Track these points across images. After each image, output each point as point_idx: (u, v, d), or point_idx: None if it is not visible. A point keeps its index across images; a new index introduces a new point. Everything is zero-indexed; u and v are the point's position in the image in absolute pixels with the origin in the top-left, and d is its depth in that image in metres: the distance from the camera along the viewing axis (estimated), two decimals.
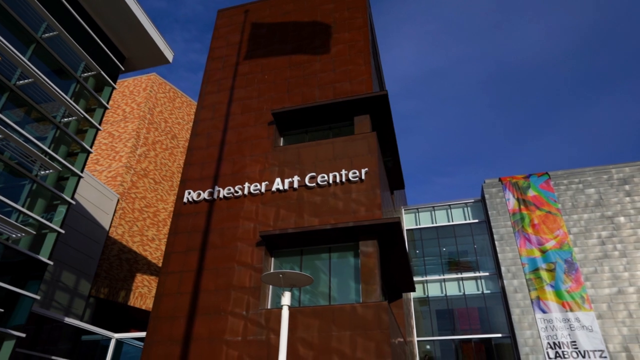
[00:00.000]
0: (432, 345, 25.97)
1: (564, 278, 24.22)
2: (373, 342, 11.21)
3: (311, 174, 14.85)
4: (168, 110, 31.06)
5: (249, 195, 15.16)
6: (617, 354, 21.86)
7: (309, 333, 11.78)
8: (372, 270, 12.52)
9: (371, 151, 14.71)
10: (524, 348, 22.98)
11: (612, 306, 23.10)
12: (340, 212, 13.82)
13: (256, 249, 13.90)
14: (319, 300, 13.06)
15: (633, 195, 25.85)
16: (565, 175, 27.52)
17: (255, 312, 12.67)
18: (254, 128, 16.92)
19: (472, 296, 26.55)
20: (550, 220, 26.07)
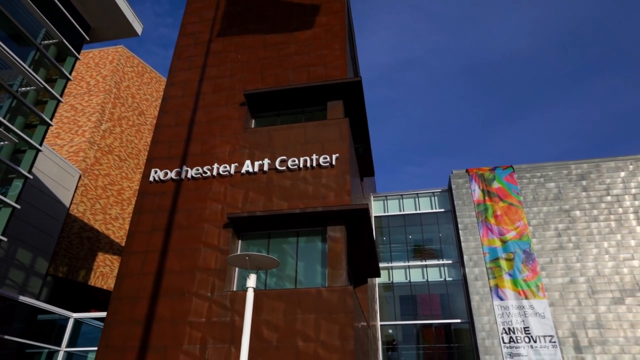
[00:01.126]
0: (395, 329, 26.67)
1: (521, 267, 25.25)
2: (337, 325, 11.37)
3: (282, 157, 14.73)
4: (136, 85, 29.96)
5: (218, 176, 14.91)
6: (565, 339, 23.13)
7: (274, 315, 11.82)
8: (339, 255, 12.63)
9: (343, 137, 14.71)
10: (481, 333, 23.94)
11: (564, 295, 24.32)
12: (310, 197, 13.81)
13: (223, 230, 13.74)
14: (285, 284, 13.09)
15: (589, 190, 27.08)
16: (529, 169, 28.48)
17: (221, 294, 12.58)
18: (225, 108, 16.57)
19: (434, 283, 27.33)
20: (512, 212, 27.01)
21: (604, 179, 27.27)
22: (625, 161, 27.67)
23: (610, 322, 23.23)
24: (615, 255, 24.91)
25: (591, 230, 25.84)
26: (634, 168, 27.28)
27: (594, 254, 25.15)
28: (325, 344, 11.17)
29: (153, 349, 12.05)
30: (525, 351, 23.09)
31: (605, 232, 25.65)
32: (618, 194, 26.67)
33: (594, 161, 28.09)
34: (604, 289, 24.12)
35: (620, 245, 25.12)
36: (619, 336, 22.83)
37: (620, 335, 22.83)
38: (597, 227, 25.86)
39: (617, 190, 26.79)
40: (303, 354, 11.15)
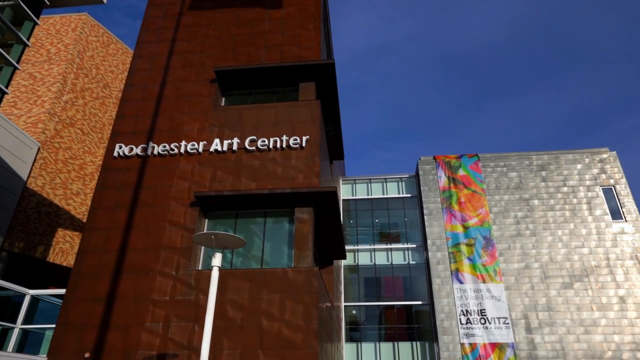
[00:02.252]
0: (358, 310, 27.33)
1: (481, 253, 26.28)
2: (302, 305, 11.56)
3: (252, 137, 14.60)
4: (100, 56, 28.68)
5: (185, 154, 14.63)
6: (518, 321, 24.41)
7: (239, 295, 11.88)
8: (306, 236, 12.75)
9: (314, 119, 14.69)
10: (440, 314, 24.89)
11: (519, 279, 25.54)
12: (279, 178, 13.81)
13: (190, 209, 13.58)
14: (251, 264, 13.14)
15: (548, 181, 28.29)
16: (493, 158, 29.39)
17: (185, 272, 12.50)
18: (194, 84, 16.17)
19: (398, 266, 28.07)
20: (475, 199, 27.91)
21: (561, 171, 28.52)
22: (582, 154, 28.99)
23: (559, 305, 24.65)
24: (568, 243, 26.29)
25: (547, 219, 27.09)
26: (589, 161, 28.63)
27: (548, 241, 26.44)
28: (290, 324, 11.35)
29: (114, 327, 11.91)
30: (480, 332, 24.23)
31: (560, 220, 26.97)
32: (573, 185, 27.99)
33: (554, 153, 29.29)
34: (556, 274, 25.49)
35: (573, 234, 26.51)
36: (566, 318, 24.30)
37: (567, 318, 24.29)
38: (552, 216, 27.14)
39: (573, 182, 28.10)
40: (267, 333, 11.31)
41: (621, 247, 25.92)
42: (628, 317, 24.08)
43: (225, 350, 11.18)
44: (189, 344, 11.40)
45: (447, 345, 24.12)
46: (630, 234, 26.22)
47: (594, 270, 25.40)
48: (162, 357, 11.33)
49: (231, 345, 11.23)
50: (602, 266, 25.48)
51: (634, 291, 24.67)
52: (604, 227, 26.53)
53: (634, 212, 26.83)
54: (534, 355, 23.62)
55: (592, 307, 24.47)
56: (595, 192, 27.64)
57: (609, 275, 25.17)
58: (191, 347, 11.31)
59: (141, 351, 11.47)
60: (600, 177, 28.09)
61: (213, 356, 11.07)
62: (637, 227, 26.40)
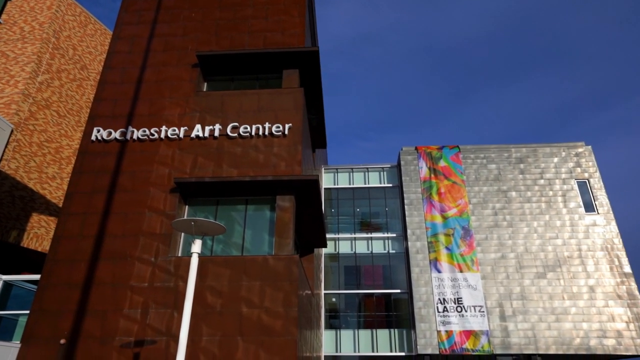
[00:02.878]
0: (338, 298, 27.61)
1: (459, 243, 26.78)
2: (282, 292, 11.61)
3: (234, 123, 14.45)
4: (78, 36, 27.81)
5: (166, 139, 14.40)
6: (493, 309, 25.07)
7: (219, 282, 11.85)
8: (287, 224, 12.77)
9: (297, 107, 14.62)
10: (418, 303, 25.37)
11: (495, 269, 26.17)
12: (260, 165, 13.74)
13: (170, 195, 13.42)
14: (231, 251, 13.10)
15: (525, 173, 28.89)
16: (473, 150, 29.82)
17: (165, 259, 12.40)
18: (175, 68, 15.86)
19: (378, 255, 28.40)
20: (455, 190, 28.34)
21: (539, 164, 29.15)
22: (559, 148, 29.66)
23: (533, 294, 25.39)
24: (543, 234, 27.00)
25: (524, 211, 27.73)
26: (565, 155, 29.33)
27: (524, 232, 27.10)
28: (269, 310, 11.41)
29: (91, 313, 11.76)
30: (456, 319, 24.81)
31: (536, 212, 27.64)
32: (550, 178, 28.66)
33: (532, 146, 29.88)
34: (530, 264, 26.20)
35: (548, 225, 27.23)
36: (539, 307, 25.07)
37: (539, 306, 25.06)
38: (529, 208, 27.79)
39: (550, 175, 28.78)
40: (247, 319, 11.34)
41: (592, 238, 26.76)
42: (596, 305, 24.99)
43: (204, 337, 11.18)
44: (167, 330, 11.36)
45: (424, 333, 24.64)
46: (602, 226, 27.08)
47: (567, 260, 26.20)
48: (141, 343, 11.27)
49: (210, 332, 11.24)
50: (574, 257, 26.29)
51: (602, 281, 25.57)
52: (577, 219, 27.32)
53: (606, 205, 27.68)
54: (507, 342, 24.34)
55: (563, 296, 25.28)
56: (570, 185, 28.38)
57: (580, 266, 26.01)
58: (170, 334, 11.27)
59: (119, 337, 11.38)
60: (575, 171, 28.83)
61: (192, 342, 11.07)
62: (608, 220, 27.27)
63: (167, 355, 11.02)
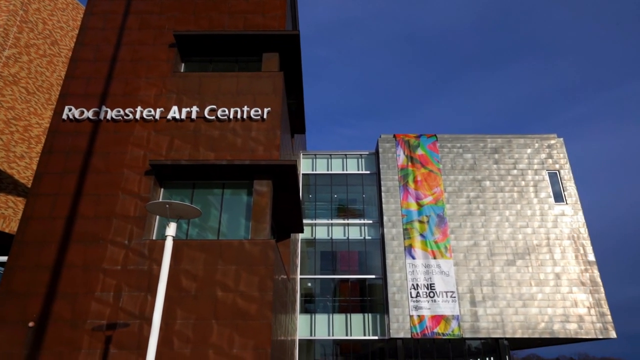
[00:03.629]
0: (314, 282, 27.88)
1: (434, 230, 27.32)
2: (257, 276, 11.65)
3: (211, 106, 14.22)
4: (48, 10, 26.64)
5: (141, 120, 14.07)
6: (464, 295, 25.81)
7: (194, 265, 11.79)
8: (264, 209, 12.74)
9: (276, 91, 14.48)
10: (392, 288, 25.87)
11: (467, 256, 26.87)
12: (238, 149, 13.61)
13: (145, 177, 13.17)
14: (207, 235, 13.02)
15: (500, 163, 29.55)
16: (450, 139, 30.26)
17: (139, 242, 12.23)
18: (152, 47, 15.42)
19: (354, 241, 28.73)
20: (431, 179, 28.78)
21: (513, 154, 29.84)
22: (533, 139, 30.40)
23: (502, 281, 26.23)
24: (514, 222, 27.80)
25: (497, 200, 28.44)
26: (538, 146, 30.09)
27: (496, 220, 27.84)
28: (244, 294, 11.44)
29: (62, 296, 11.54)
30: (428, 305, 25.45)
31: (508, 201, 28.39)
32: (523, 169, 29.41)
33: (507, 137, 30.52)
34: (501, 252, 27.00)
35: (519, 214, 28.03)
36: (507, 293, 25.94)
37: (508, 292, 25.94)
38: (502, 197, 28.51)
39: (522, 165, 29.52)
40: (221, 303, 11.35)
41: (560, 228, 27.73)
42: (561, 292, 26.03)
43: (178, 320, 11.15)
44: (141, 313, 11.27)
45: (397, 317, 25.21)
46: (570, 216, 28.06)
47: (535, 248, 27.11)
48: (113, 327, 11.16)
49: (185, 315, 11.21)
50: (543, 245, 27.22)
51: (568, 268, 26.61)
52: (547, 209, 28.22)
53: (574, 195, 28.65)
54: (476, 327, 25.16)
55: (531, 282, 26.22)
56: (542, 175, 29.21)
57: (548, 254, 26.96)
58: (143, 317, 11.19)
59: (90, 320, 11.23)
60: (547, 162, 29.65)
61: (166, 325, 11.03)
62: (575, 210, 28.26)
63: (140, 338, 10.96)
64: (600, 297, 25.94)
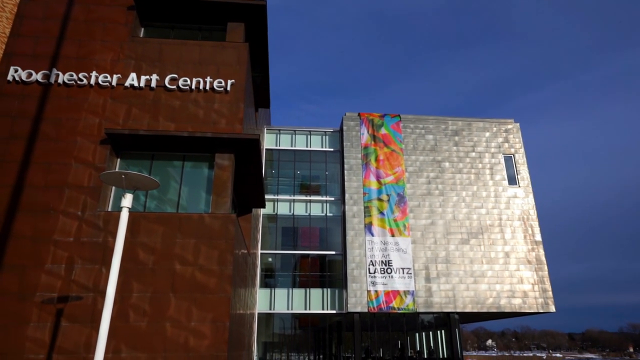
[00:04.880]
0: (274, 258, 28.04)
1: (394, 208, 27.97)
2: (217, 250, 11.56)
3: (172, 75, 13.69)
4: None
5: (96, 86, 13.36)
6: (419, 271, 26.80)
7: (152, 238, 11.53)
8: (225, 183, 12.57)
9: (240, 62, 14.10)
10: (351, 264, 26.45)
11: (424, 234, 27.79)
12: (200, 121, 13.25)
13: (100, 147, 12.61)
14: (166, 208, 12.73)
15: (459, 145, 30.41)
16: (413, 120, 30.73)
17: (93, 213, 11.79)
18: (109, 9, 14.54)
19: (316, 217, 28.98)
20: (393, 158, 29.27)
21: (472, 137, 30.75)
22: (491, 123, 31.39)
23: (456, 259, 27.40)
24: (470, 203, 28.89)
25: (455, 181, 29.38)
26: (496, 130, 31.14)
27: (453, 201, 28.82)
28: (203, 268, 11.35)
29: (8, 268, 11.02)
30: (385, 280, 26.26)
31: (466, 183, 29.40)
32: (480, 152, 30.42)
33: (467, 120, 31.35)
34: (456, 231, 28.09)
35: (475, 196, 29.13)
36: (460, 270, 27.17)
37: (461, 269, 27.16)
38: (460, 178, 29.47)
39: (481, 148, 30.52)
40: (180, 277, 11.22)
41: (512, 209, 29.11)
42: (509, 269, 27.54)
43: (134, 293, 10.95)
44: (95, 286, 10.97)
45: (355, 292, 25.89)
46: (521, 198, 29.46)
47: (488, 228, 28.39)
48: (64, 299, 10.81)
49: (141, 288, 11.01)
50: (495, 225, 28.54)
51: (517, 248, 28.11)
52: (500, 191, 29.47)
53: (527, 179, 30.04)
54: (430, 302, 26.29)
55: (482, 260, 27.54)
56: (498, 159, 30.36)
57: (499, 234, 28.32)
58: (97, 290, 10.90)
59: (40, 293, 10.82)
60: (503, 146, 30.79)
61: (121, 299, 10.81)
62: (527, 193, 29.69)
63: (94, 311, 10.70)
64: (544, 274, 27.66)
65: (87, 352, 10.32)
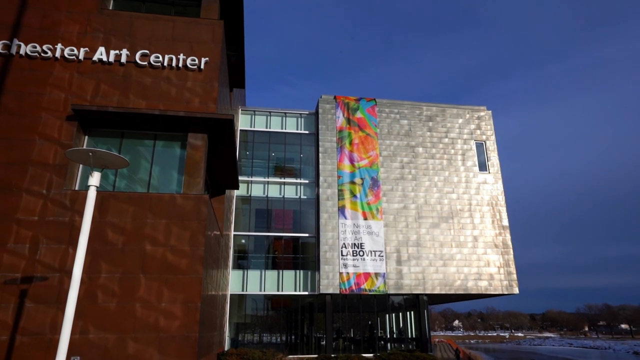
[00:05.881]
0: (247, 239, 27.98)
1: (367, 192, 28.25)
2: (189, 231, 11.43)
3: (144, 51, 13.22)
4: None
5: (62, 59, 12.78)
6: (391, 254, 27.32)
7: (121, 218, 11.29)
8: (198, 163, 12.37)
9: (215, 40, 13.75)
10: (324, 246, 26.70)
11: (397, 218, 28.25)
12: (172, 100, 12.91)
13: (66, 123, 12.14)
14: (137, 188, 12.45)
15: (433, 131, 30.82)
16: (389, 105, 30.88)
17: (59, 192, 11.41)
18: None
19: (290, 200, 28.98)
20: (368, 142, 29.42)
21: (445, 123, 31.19)
22: (464, 110, 31.89)
23: (427, 242, 28.04)
24: (441, 188, 29.48)
25: (428, 166, 29.85)
26: (469, 117, 31.68)
27: (426, 185, 29.34)
28: (175, 249, 11.23)
29: None
30: (357, 263, 26.67)
31: (438, 168, 29.93)
32: (453, 138, 30.94)
33: (442, 106, 31.74)
34: (427, 215, 28.68)
35: (446, 181, 29.73)
36: (430, 253, 27.85)
37: (431, 253, 27.85)
38: (432, 164, 29.96)
39: (453, 134, 31.03)
40: (150, 257, 11.06)
41: (482, 194, 29.89)
42: (477, 253, 28.43)
43: (103, 274, 10.74)
44: (61, 266, 10.69)
45: (328, 274, 26.21)
46: (491, 184, 30.26)
47: (458, 213, 29.10)
48: (29, 280, 10.51)
49: (110, 269, 10.81)
50: (465, 210, 29.28)
51: (485, 232, 28.99)
52: (471, 177, 30.17)
53: (496, 165, 30.83)
54: (400, 284, 26.91)
55: (452, 244, 28.29)
56: (470, 145, 30.96)
57: (468, 218, 29.09)
58: (64, 270, 10.63)
59: (2, 273, 10.46)
60: (475, 133, 31.40)
61: (89, 279, 10.59)
62: (496, 179, 30.51)
63: (60, 292, 10.45)
64: (509, 258, 28.69)
65: (53, 333, 10.12)
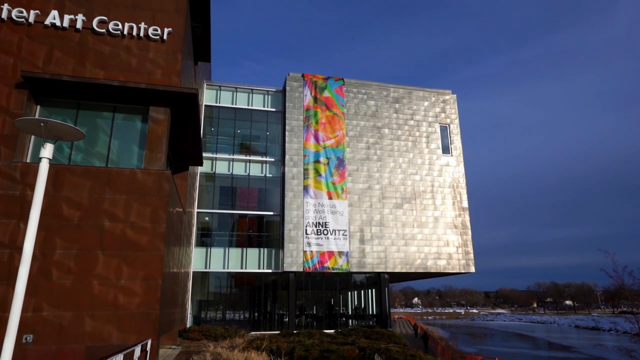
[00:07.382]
0: (211, 217, 27.63)
1: (333, 172, 28.40)
2: (150, 207, 11.15)
3: (102, 17, 12.52)
4: None
5: (10, 21, 11.93)
6: (354, 233, 27.78)
7: (77, 193, 10.85)
8: (160, 138, 11.99)
9: (179, 10, 13.19)
10: (289, 225, 26.78)
11: (361, 198, 28.64)
12: (133, 71, 12.36)
13: (15, 91, 11.42)
14: (94, 162, 11.95)
15: (399, 113, 31.15)
16: (356, 85, 30.86)
17: (9, 164, 10.80)
18: None
19: (255, 178, 28.74)
20: (335, 122, 29.41)
21: (412, 105, 31.57)
22: (430, 93, 32.35)
23: (389, 222, 28.65)
24: (405, 169, 30.04)
25: (393, 147, 30.26)
26: (434, 100, 32.19)
27: (390, 167, 29.79)
28: (135, 225, 10.94)
29: None
30: (321, 242, 26.97)
31: (403, 150, 30.40)
32: (419, 120, 31.42)
33: (408, 88, 32.04)
34: (391, 196, 29.23)
35: (410, 162, 30.29)
36: (392, 232, 28.52)
37: (393, 232, 28.52)
38: (397, 145, 30.38)
39: (419, 117, 31.50)
40: (109, 234, 10.74)
41: (444, 177, 30.71)
42: (437, 233, 29.36)
43: (58, 250, 10.35)
44: (11, 242, 10.21)
45: (292, 252, 26.40)
46: (453, 166, 31.10)
47: (421, 194, 29.83)
48: None
49: (66, 245, 10.42)
50: (427, 191, 30.04)
51: (445, 213, 29.92)
52: (435, 159, 30.87)
53: (459, 149, 31.65)
54: (363, 262, 27.50)
55: (413, 224, 29.05)
56: (434, 128, 31.56)
57: (430, 199, 29.89)
58: (14, 246, 10.16)
59: None
60: (440, 116, 32.00)
61: (43, 255, 10.19)
62: (458, 162, 31.37)
63: (10, 268, 10.00)
64: (468, 238, 29.82)
65: (3, 310, 9.72)
